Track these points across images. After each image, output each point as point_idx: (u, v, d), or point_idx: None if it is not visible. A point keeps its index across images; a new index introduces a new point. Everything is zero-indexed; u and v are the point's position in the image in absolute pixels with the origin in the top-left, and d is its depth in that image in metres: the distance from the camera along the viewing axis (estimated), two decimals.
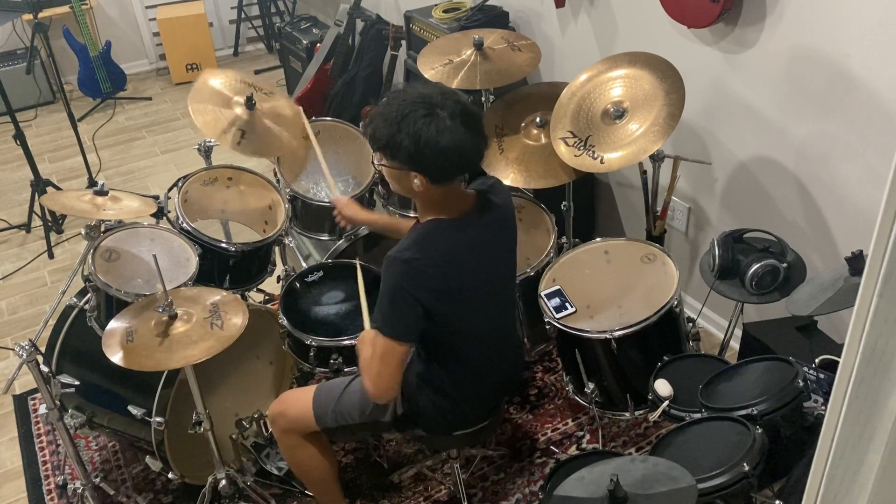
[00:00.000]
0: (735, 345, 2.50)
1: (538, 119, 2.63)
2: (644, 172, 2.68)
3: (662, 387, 2.02)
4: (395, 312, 1.77)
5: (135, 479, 2.52)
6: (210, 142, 2.66)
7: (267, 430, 2.39)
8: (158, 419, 2.13)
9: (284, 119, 2.66)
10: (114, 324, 1.96)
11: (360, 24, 4.23)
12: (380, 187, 2.75)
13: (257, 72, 5.63)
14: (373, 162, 1.86)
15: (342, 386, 2.07)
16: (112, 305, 2.19)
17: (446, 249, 1.80)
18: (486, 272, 1.88)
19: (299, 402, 2.09)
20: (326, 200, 2.63)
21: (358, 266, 2.34)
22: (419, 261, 1.74)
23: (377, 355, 1.80)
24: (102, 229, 2.27)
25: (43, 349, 2.30)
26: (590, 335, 2.22)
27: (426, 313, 1.78)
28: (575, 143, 2.41)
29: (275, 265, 2.68)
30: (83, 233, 2.23)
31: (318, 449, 2.12)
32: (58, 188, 3.91)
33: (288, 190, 2.63)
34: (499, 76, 2.68)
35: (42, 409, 2.07)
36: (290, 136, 2.64)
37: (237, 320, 1.94)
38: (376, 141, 1.77)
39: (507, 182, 2.54)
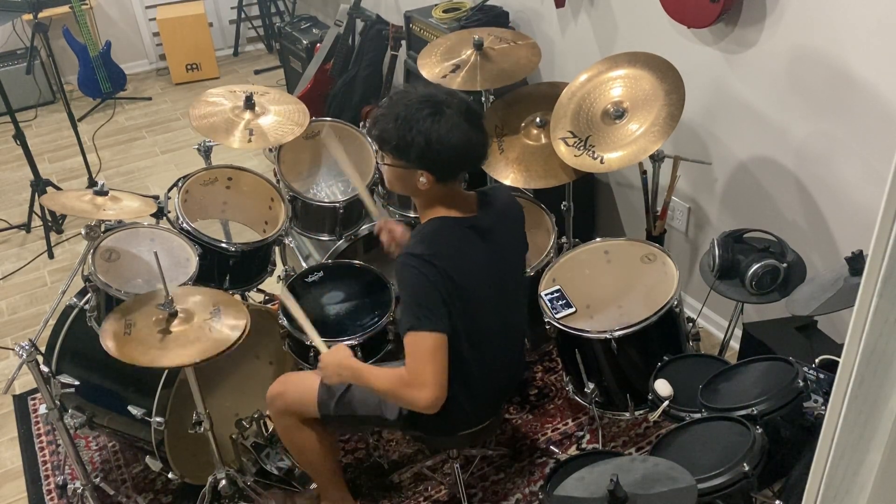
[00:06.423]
0: (735, 345, 2.50)
1: (538, 119, 2.63)
2: (644, 172, 2.68)
3: (662, 387, 2.02)
4: (423, 305, 1.72)
5: (135, 479, 2.52)
6: (210, 142, 2.66)
7: (267, 430, 2.39)
8: (158, 419, 2.13)
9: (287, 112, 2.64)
10: (112, 317, 1.96)
11: (360, 24, 4.23)
12: (380, 188, 2.74)
13: (257, 72, 5.63)
14: (377, 161, 1.86)
15: None
16: (112, 305, 2.19)
17: (455, 243, 1.80)
18: (494, 269, 1.88)
19: (302, 385, 2.07)
20: (326, 200, 2.63)
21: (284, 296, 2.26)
22: (431, 255, 1.74)
23: (420, 357, 1.72)
24: (102, 229, 2.27)
25: (43, 349, 2.30)
26: (590, 335, 2.22)
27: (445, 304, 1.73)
28: (575, 143, 2.41)
29: (275, 265, 2.68)
30: (83, 233, 2.22)
31: (317, 433, 2.09)
32: (58, 188, 3.91)
33: (288, 190, 2.63)
34: (500, 77, 2.68)
35: (42, 409, 2.06)
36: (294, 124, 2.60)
37: (236, 324, 1.94)
38: (385, 141, 1.77)
39: (506, 182, 2.55)
